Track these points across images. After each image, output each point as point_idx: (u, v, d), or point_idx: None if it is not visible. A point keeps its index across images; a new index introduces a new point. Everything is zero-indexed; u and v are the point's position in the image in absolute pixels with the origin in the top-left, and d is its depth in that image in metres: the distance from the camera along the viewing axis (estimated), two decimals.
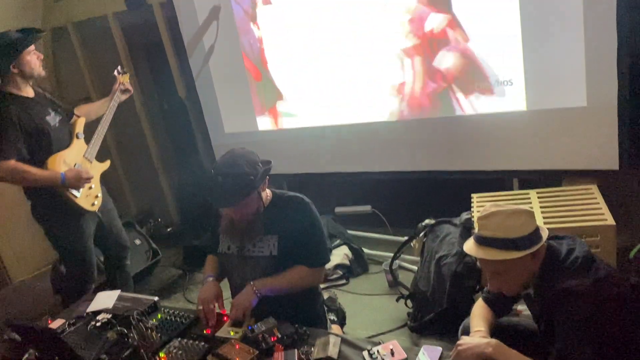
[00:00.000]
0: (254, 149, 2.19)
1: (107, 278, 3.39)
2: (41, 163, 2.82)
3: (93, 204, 3.02)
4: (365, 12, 3.35)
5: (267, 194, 2.22)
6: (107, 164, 3.21)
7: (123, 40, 4.53)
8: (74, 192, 2.90)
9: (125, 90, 3.26)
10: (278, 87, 3.86)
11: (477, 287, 2.79)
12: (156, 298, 2.36)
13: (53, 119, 2.92)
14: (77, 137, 3.03)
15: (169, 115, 4.82)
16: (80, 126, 3.08)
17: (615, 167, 2.98)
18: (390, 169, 3.72)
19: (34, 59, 2.83)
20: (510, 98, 3.13)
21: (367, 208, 4.10)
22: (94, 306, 2.41)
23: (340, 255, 3.81)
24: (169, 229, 4.87)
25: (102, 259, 3.44)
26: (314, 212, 2.20)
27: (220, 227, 2.25)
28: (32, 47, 2.83)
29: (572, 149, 3.07)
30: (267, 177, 2.15)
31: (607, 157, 2.98)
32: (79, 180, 2.88)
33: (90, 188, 3.01)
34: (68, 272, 3.19)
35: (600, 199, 2.83)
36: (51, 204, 2.90)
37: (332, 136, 3.81)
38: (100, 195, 3.09)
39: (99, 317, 2.30)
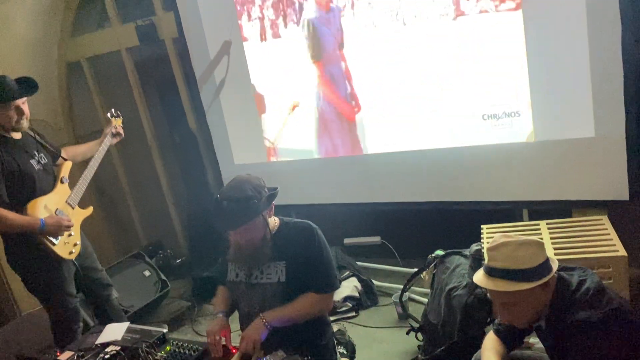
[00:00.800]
0: (264, 179, 2.21)
1: (96, 316, 3.31)
2: (21, 207, 2.74)
3: (71, 252, 2.91)
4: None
5: (274, 221, 2.23)
6: (90, 210, 3.12)
7: (135, 74, 4.63)
8: (52, 239, 2.79)
9: (116, 134, 3.23)
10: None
11: (489, 319, 2.75)
12: (165, 329, 2.35)
13: (38, 162, 2.85)
14: (62, 182, 2.96)
15: (179, 148, 4.88)
16: (65, 170, 3.02)
17: (626, 197, 2.96)
18: (399, 200, 3.72)
19: (12, 115, 2.73)
20: (518, 129, 3.14)
21: (376, 239, 4.08)
22: (102, 338, 2.39)
23: (349, 287, 3.79)
24: (178, 261, 4.87)
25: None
26: (321, 238, 2.21)
27: (229, 254, 2.25)
28: (18, 102, 2.72)
29: (581, 179, 3.06)
30: (273, 203, 2.16)
31: (617, 188, 2.97)
32: (59, 228, 2.78)
33: (70, 235, 2.91)
34: (52, 319, 3.04)
35: (611, 229, 2.81)
36: (27, 250, 2.80)
37: (341, 167, 3.83)
38: (79, 243, 2.98)
39: (107, 349, 2.28)
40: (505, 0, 2.95)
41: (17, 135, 2.83)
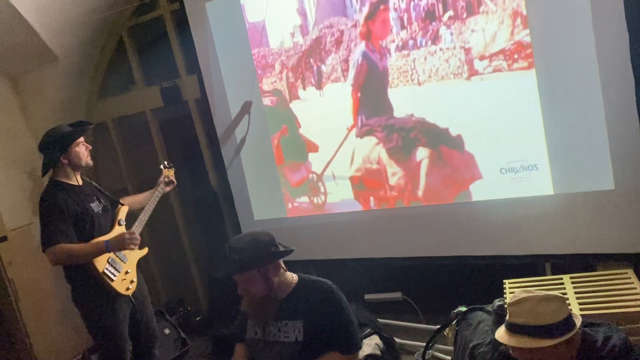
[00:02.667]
0: (282, 235, 2.23)
1: None
2: None
3: (128, 289, 3.08)
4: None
5: (292, 278, 2.23)
6: (145, 250, 3.31)
7: (159, 133, 4.78)
8: (110, 275, 2.97)
9: (169, 182, 3.49)
10: None
11: None
12: None
13: (97, 206, 3.08)
14: (119, 224, 3.18)
15: (201, 204, 4.96)
16: (123, 214, 3.25)
17: None
18: (420, 254, 3.70)
19: (82, 150, 3.05)
20: (536, 182, 3.15)
21: (398, 295, 4.03)
22: None
23: (371, 345, 3.71)
24: (198, 318, 4.85)
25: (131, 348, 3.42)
26: (340, 297, 2.19)
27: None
28: (82, 138, 3.07)
29: (603, 232, 3.03)
30: (279, 262, 2.16)
31: None
32: (123, 242, 2.96)
33: (127, 273, 3.09)
34: (101, 358, 3.19)
35: (637, 283, 2.75)
36: (88, 287, 2.98)
37: (360, 221, 3.84)
38: (135, 280, 3.15)
39: None
40: (518, 60, 3.03)
41: (79, 182, 3.09)
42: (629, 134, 2.84)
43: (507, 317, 1.72)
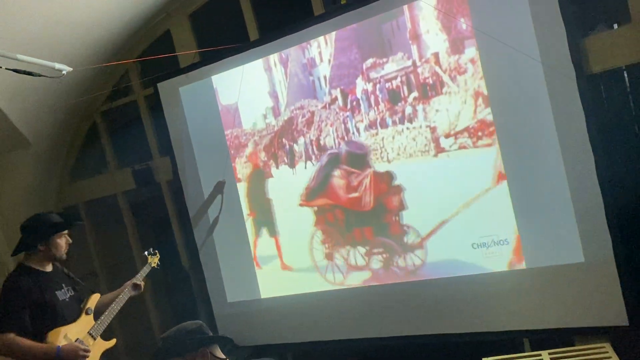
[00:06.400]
0: (257, 317, 2.19)
1: None
2: (43, 336, 2.82)
3: None
4: None
5: None
6: (112, 342, 3.15)
7: (130, 215, 4.74)
8: None
9: (136, 286, 3.33)
10: None
11: None
12: None
13: (64, 293, 2.99)
14: (87, 313, 3.06)
15: (172, 286, 4.83)
16: (92, 302, 3.13)
17: (625, 322, 2.91)
18: (397, 334, 3.62)
19: (62, 242, 3.01)
20: (508, 257, 3.17)
21: None
22: None
23: None
24: None
25: None
26: None
27: None
28: (65, 231, 3.03)
29: (578, 305, 3.03)
30: (205, 349, 2.14)
31: (615, 313, 2.93)
32: (76, 355, 2.82)
33: None
34: None
35: (615, 358, 2.73)
36: None
37: (336, 301, 3.77)
38: None
39: None
40: (482, 137, 3.14)
41: (48, 268, 3.00)
42: (594, 207, 2.91)
43: None
